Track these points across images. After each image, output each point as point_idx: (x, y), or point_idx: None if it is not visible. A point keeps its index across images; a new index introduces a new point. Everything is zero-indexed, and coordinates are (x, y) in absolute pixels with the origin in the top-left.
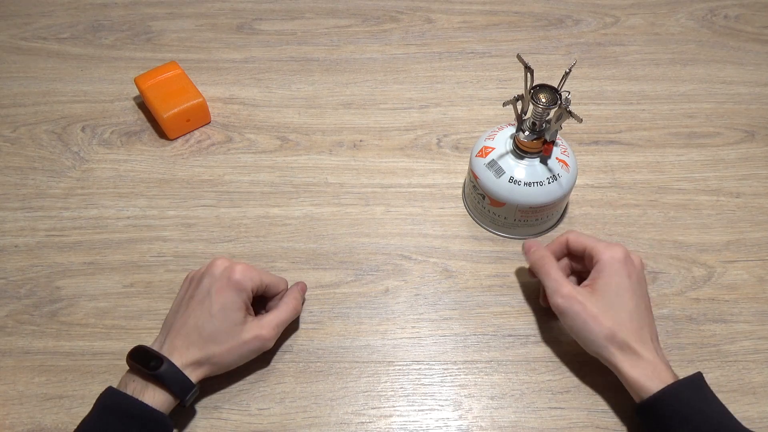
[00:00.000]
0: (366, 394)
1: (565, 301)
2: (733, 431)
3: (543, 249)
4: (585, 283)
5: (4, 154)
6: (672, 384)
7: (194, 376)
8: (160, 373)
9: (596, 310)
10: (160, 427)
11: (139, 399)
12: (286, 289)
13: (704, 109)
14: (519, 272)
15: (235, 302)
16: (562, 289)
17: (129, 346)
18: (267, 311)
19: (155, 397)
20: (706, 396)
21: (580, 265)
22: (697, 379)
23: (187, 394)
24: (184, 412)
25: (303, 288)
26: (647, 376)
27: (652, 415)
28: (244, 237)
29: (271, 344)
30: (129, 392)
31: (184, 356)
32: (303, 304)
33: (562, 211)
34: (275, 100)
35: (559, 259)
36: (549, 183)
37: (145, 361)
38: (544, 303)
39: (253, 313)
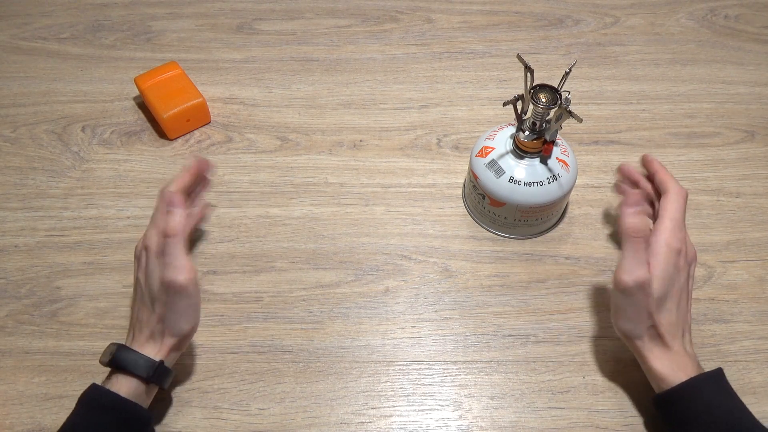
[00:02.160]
0: (366, 394)
1: (636, 287)
2: (750, 428)
3: (645, 217)
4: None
5: (4, 154)
6: (693, 378)
7: (159, 353)
8: (116, 357)
9: (655, 304)
10: (137, 417)
11: (112, 390)
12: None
13: (704, 109)
14: (519, 272)
15: (153, 271)
16: (638, 271)
17: None
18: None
19: (123, 384)
20: (726, 391)
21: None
22: (718, 375)
23: (152, 372)
24: (184, 412)
25: (182, 187)
26: (672, 368)
27: (670, 406)
28: (244, 237)
29: (188, 282)
30: (107, 386)
31: (139, 339)
32: (197, 219)
33: (562, 211)
34: (275, 100)
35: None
36: (549, 183)
37: (104, 356)
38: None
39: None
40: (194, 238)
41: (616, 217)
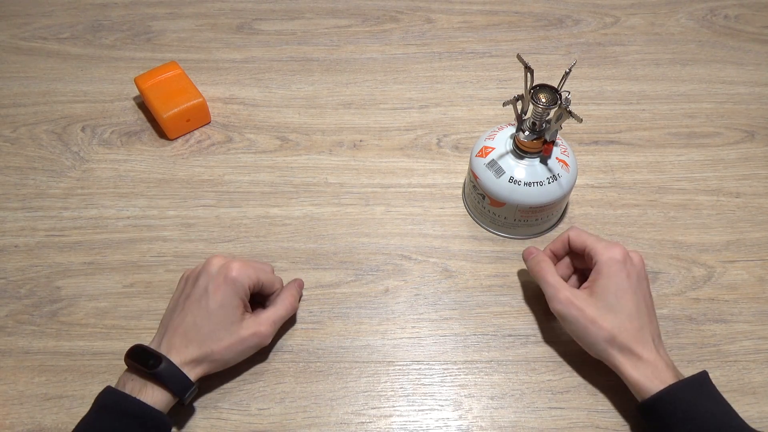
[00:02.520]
0: (366, 394)
1: (564, 307)
2: (735, 429)
3: (540, 254)
4: (585, 284)
5: (4, 154)
6: (672, 385)
7: (193, 374)
8: (158, 371)
9: (595, 314)
10: (159, 426)
11: (138, 398)
12: (282, 287)
13: (704, 109)
14: (519, 272)
15: (232, 299)
16: (559, 294)
17: (129, 346)
18: (264, 308)
19: (154, 396)
20: (708, 395)
21: (582, 264)
22: (700, 378)
23: (186, 392)
24: (183, 412)
25: (300, 285)
26: (647, 377)
27: (652, 415)
28: (244, 237)
29: (268, 341)
30: (127, 391)
31: (182, 354)
32: (300, 300)
33: (562, 211)
34: (275, 100)
35: (561, 257)
36: (549, 183)
37: (143, 360)
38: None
39: (250, 309)
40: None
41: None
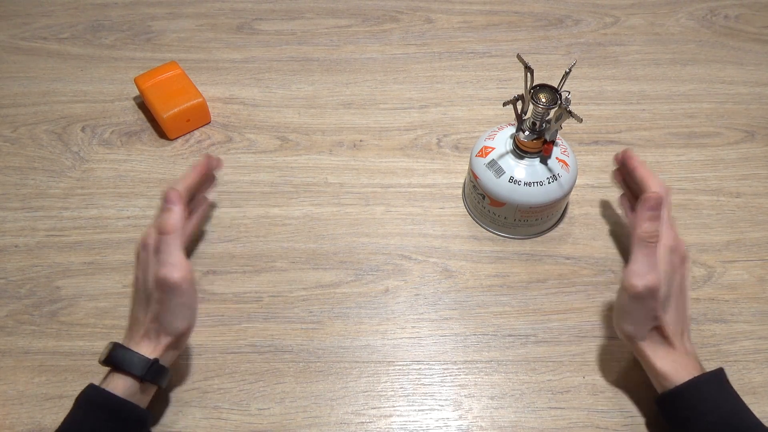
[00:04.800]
0: (366, 394)
1: (647, 292)
2: (753, 428)
3: (659, 226)
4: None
5: (4, 154)
6: (696, 377)
7: (155, 352)
8: (110, 356)
9: (662, 308)
10: (118, 408)
11: (101, 386)
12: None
13: (704, 109)
14: (519, 272)
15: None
16: (649, 275)
17: None
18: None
19: (118, 383)
20: (727, 391)
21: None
22: (720, 374)
23: (147, 370)
24: (183, 412)
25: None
26: (675, 367)
27: (673, 406)
28: (244, 237)
29: (182, 280)
30: (101, 385)
31: (136, 337)
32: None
33: (562, 211)
34: (275, 100)
35: (635, 194)
36: (549, 183)
37: (102, 353)
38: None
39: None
40: (195, 238)
41: (622, 219)
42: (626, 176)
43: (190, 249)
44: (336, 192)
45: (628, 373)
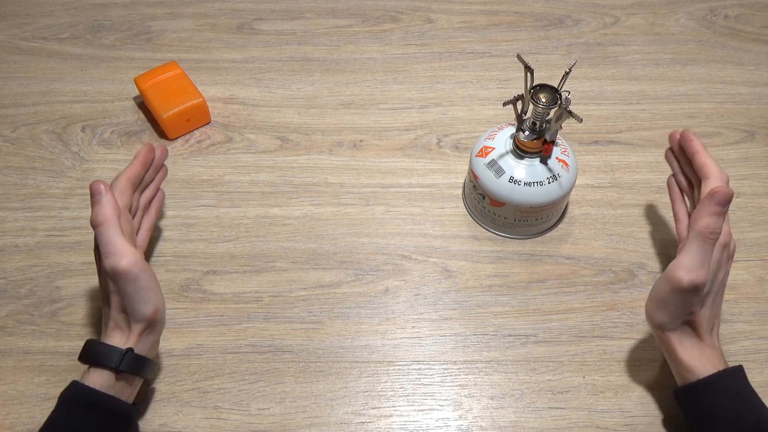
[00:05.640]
0: (366, 394)
1: (692, 287)
2: None
3: (722, 221)
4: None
5: (4, 154)
6: (721, 371)
7: (128, 342)
8: (84, 351)
9: (700, 303)
10: (107, 408)
11: (81, 382)
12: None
13: (704, 109)
14: (519, 272)
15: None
16: (698, 271)
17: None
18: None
19: (96, 378)
20: (749, 388)
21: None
22: (741, 371)
23: (121, 361)
24: (183, 412)
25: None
26: (701, 360)
27: (695, 399)
28: (244, 237)
29: (130, 266)
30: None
31: (107, 331)
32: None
33: (562, 211)
34: (275, 100)
35: (689, 183)
36: (549, 183)
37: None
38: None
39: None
40: (153, 235)
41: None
42: (680, 158)
43: (150, 246)
44: (336, 192)
45: (629, 373)
